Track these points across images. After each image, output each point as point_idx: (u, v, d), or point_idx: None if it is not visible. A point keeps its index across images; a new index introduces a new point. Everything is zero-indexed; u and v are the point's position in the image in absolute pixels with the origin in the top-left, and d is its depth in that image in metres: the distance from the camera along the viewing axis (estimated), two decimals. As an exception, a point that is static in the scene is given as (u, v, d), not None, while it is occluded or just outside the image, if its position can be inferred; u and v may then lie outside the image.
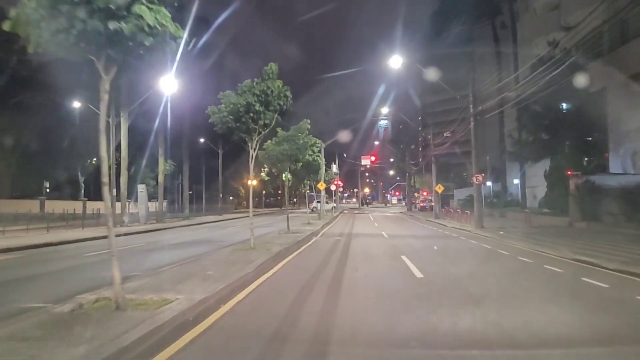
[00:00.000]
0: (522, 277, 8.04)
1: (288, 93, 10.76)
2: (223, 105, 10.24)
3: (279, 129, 16.77)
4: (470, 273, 8.43)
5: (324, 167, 31.66)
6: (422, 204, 51.94)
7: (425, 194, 76.20)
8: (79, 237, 16.33)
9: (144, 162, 30.87)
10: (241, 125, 10.43)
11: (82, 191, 43.97)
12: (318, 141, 23.01)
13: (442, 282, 7.36)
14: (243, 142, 11.10)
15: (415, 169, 47.88)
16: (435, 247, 13.52)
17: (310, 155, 21.80)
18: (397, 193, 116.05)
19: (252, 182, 11.32)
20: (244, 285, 6.61)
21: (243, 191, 76.85)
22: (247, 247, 11.17)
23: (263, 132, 10.85)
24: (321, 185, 31.83)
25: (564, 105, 26.15)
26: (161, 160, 28.64)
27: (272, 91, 10.41)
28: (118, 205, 23.95)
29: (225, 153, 56.20)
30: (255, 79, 10.70)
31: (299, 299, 5.97)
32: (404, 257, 10.64)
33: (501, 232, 18.40)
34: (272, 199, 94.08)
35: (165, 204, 47.19)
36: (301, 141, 16.17)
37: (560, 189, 24.20)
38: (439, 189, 32.59)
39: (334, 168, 43.07)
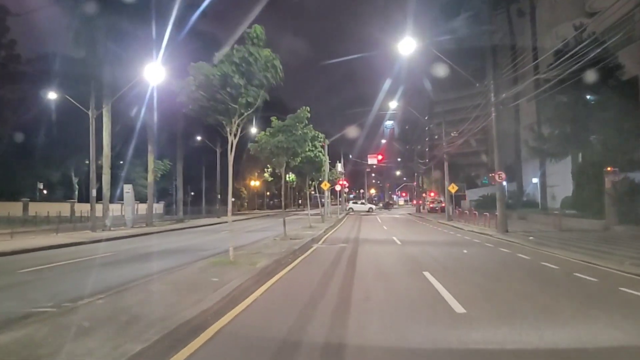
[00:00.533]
0: (613, 311, 5.54)
1: (277, 62, 8.37)
2: (191, 77, 7.86)
3: (273, 119, 14.40)
4: (534, 304, 5.93)
5: (327, 164, 29.27)
6: (431, 205, 49.36)
7: (432, 194, 73.61)
8: (42, 245, 14.03)
9: (126, 160, 28.52)
10: (216, 104, 8.05)
11: (77, 192, 41.89)
12: (320, 135, 20.62)
13: (502, 324, 4.87)
14: (220, 127, 8.71)
15: (425, 167, 45.32)
16: (463, 259, 11.06)
17: (311, 150, 19.44)
18: (403, 194, 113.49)
19: (230, 177, 8.89)
20: (183, 341, 4.04)
21: (246, 192, 74.63)
22: (227, 260, 8.77)
23: (246, 114, 8.47)
24: (325, 185, 29.43)
25: (593, 96, 23.55)
26: (151, 158, 26.38)
27: (255, 59, 8.02)
28: (102, 207, 21.75)
29: (226, 151, 53.99)
30: (235, 46, 8.31)
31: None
32: (427, 275, 8.17)
33: (530, 238, 15.93)
34: (276, 200, 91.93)
35: (161, 206, 45.18)
36: (299, 132, 13.75)
37: (592, 187, 21.58)
38: (452, 188, 30.05)
39: (339, 167, 40.62)
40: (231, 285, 6.29)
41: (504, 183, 41.34)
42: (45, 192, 42.17)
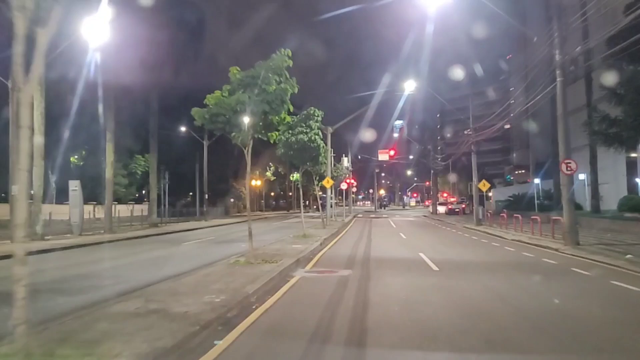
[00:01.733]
0: None
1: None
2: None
3: (233, 69, 8.99)
4: None
5: (330, 155, 23.83)
6: (450, 207, 43.64)
7: (445, 195, 67.81)
8: None
9: (98, 152, 23.29)
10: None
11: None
12: (317, 112, 15.28)
13: None
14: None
15: (444, 164, 39.62)
16: (561, 308, 5.54)
17: (304, 132, 14.15)
18: (414, 195, 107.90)
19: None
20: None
21: (245, 192, 69.23)
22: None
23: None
24: (327, 182, 24.00)
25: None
26: (109, 148, 21.17)
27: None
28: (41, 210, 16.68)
29: (219, 147, 48.80)
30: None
31: None
32: None
33: (628, 256, 10.54)
34: (282, 201, 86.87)
35: (145, 207, 40.05)
36: (273, 87, 8.31)
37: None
38: (484, 186, 24.43)
39: (345, 162, 35.11)
40: None
41: (537, 181, 35.55)
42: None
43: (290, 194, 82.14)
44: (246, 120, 8.21)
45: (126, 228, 25.42)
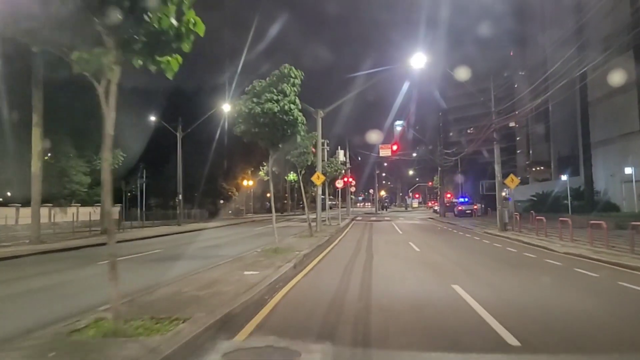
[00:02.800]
0: None
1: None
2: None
3: None
4: None
5: (320, 143, 18.98)
6: (460, 208, 38.83)
7: (449, 196, 63.04)
8: None
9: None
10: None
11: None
12: (295, 71, 10.56)
13: None
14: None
15: (454, 159, 34.77)
16: None
17: (274, 98, 9.47)
18: (416, 195, 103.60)
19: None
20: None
21: (237, 194, 64.61)
22: None
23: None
24: (317, 179, 19.21)
25: None
26: (36, 133, 16.36)
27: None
28: None
29: (205, 143, 43.88)
30: None
31: None
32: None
33: None
34: (278, 203, 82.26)
35: (116, 210, 35.36)
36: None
37: None
38: (512, 182, 19.63)
39: (342, 156, 30.25)
40: None
41: (564, 177, 30.74)
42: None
43: (287, 195, 77.82)
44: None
45: (71, 235, 20.64)
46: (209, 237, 19.54)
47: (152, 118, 29.63)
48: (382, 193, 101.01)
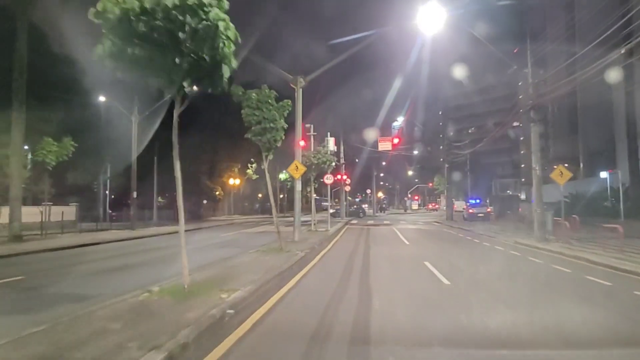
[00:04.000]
0: None
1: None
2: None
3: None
4: None
5: (298, 117, 13.66)
6: (471, 210, 33.66)
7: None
8: None
9: None
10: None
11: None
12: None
13: None
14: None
15: (467, 152, 29.53)
16: None
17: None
18: (415, 197, 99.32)
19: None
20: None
21: (222, 193, 59.39)
22: None
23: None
24: (295, 170, 13.96)
25: None
26: None
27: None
28: None
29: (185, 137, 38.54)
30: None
31: None
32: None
33: None
34: (267, 204, 77.07)
35: (73, 209, 30.08)
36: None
37: None
38: (560, 177, 14.46)
39: (331, 144, 24.94)
40: None
41: (604, 175, 25.72)
42: None
43: (282, 196, 72.52)
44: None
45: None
46: (123, 253, 13.64)
47: (102, 98, 24.06)
48: (380, 194, 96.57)
